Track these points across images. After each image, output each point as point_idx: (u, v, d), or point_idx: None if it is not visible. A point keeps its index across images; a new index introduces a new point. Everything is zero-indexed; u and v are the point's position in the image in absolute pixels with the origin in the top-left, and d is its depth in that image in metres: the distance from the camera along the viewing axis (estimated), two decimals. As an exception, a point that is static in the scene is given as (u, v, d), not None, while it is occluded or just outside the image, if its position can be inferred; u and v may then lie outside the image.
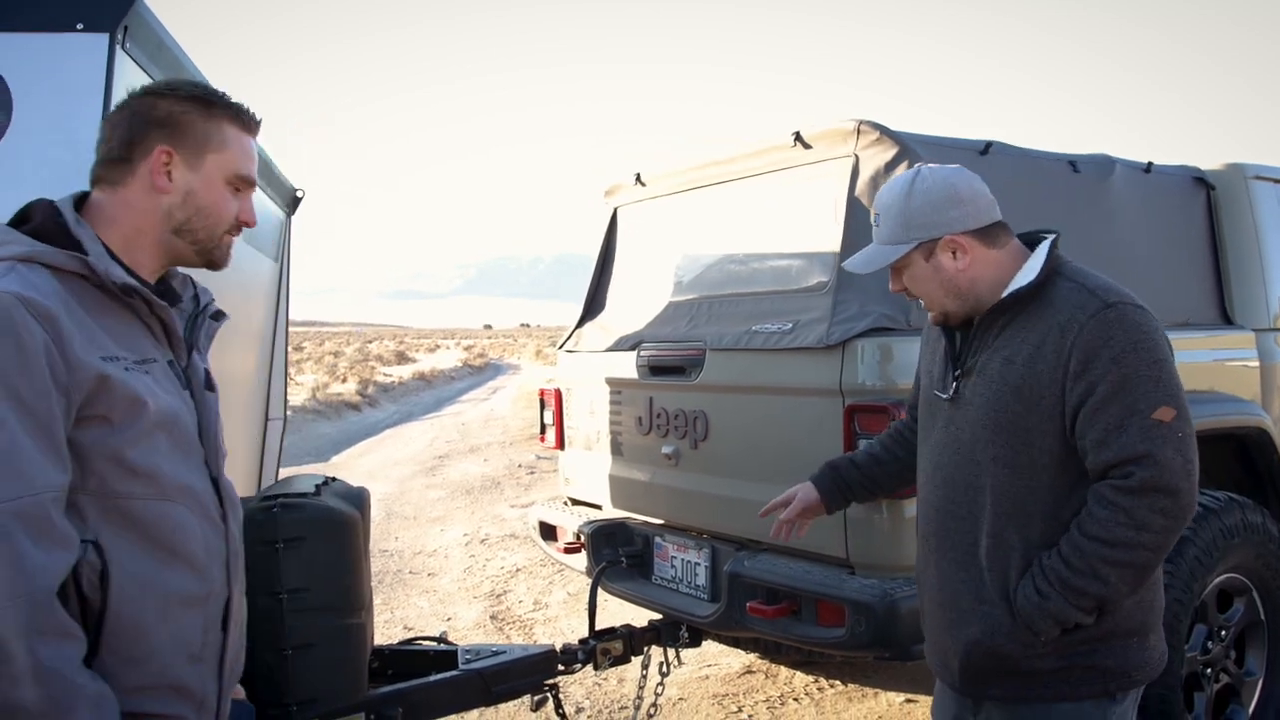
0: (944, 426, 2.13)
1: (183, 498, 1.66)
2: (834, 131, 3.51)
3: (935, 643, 2.20)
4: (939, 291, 2.09)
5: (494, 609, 6.61)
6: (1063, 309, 1.96)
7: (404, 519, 9.65)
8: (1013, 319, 2.03)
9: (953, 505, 2.09)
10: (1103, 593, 1.90)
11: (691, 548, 3.84)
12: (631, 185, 4.53)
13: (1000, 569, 2.00)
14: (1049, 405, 1.95)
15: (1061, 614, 1.92)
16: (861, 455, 2.58)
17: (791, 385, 3.39)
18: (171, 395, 1.67)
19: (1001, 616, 2.00)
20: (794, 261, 3.69)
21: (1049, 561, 1.93)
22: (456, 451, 14.64)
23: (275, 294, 4.53)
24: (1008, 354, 2.01)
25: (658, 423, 3.96)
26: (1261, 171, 4.50)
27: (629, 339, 4.21)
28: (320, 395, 21.35)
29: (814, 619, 3.22)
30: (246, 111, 1.82)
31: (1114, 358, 1.89)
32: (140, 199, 1.72)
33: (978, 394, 2.05)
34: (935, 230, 2.06)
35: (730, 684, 5.06)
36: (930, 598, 2.19)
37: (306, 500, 2.99)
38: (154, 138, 1.71)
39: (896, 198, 2.10)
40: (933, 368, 2.24)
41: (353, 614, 2.99)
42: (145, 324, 1.69)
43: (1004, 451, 2.00)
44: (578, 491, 4.65)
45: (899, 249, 2.09)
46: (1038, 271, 2.02)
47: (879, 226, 2.13)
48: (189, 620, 1.67)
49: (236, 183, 1.79)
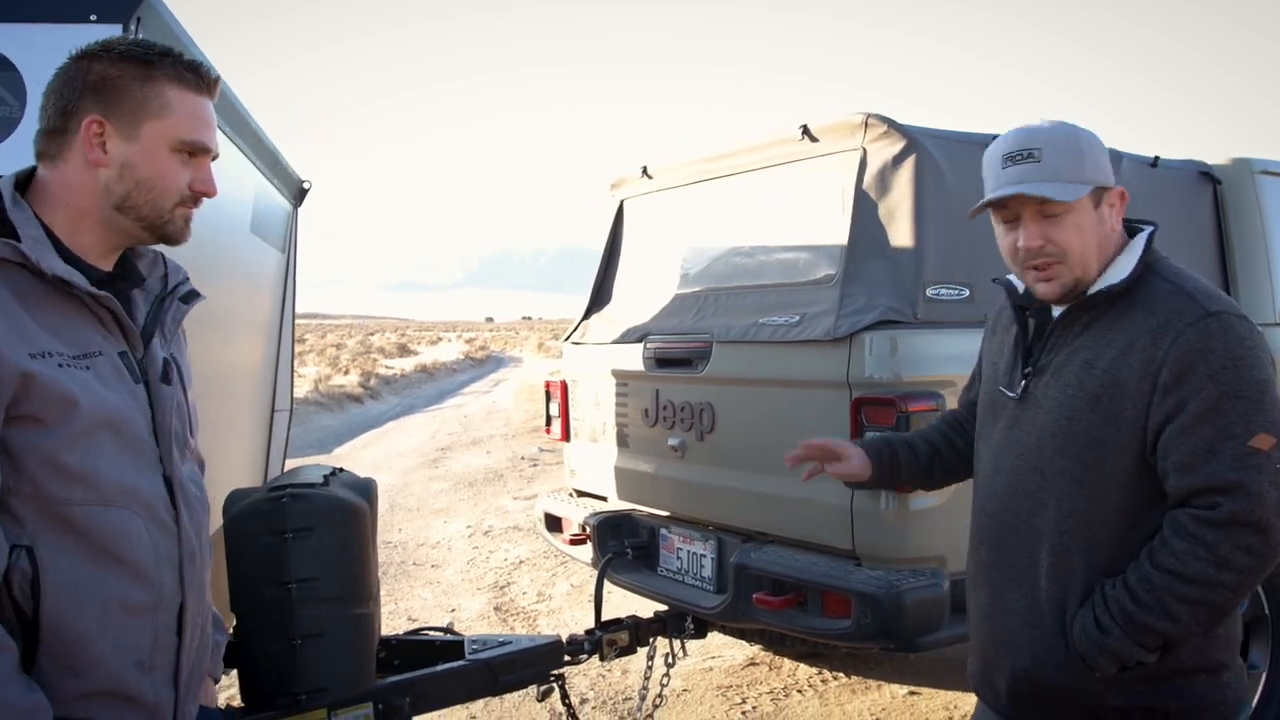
0: (1007, 427, 1.94)
1: (127, 501, 1.54)
2: (841, 125, 3.51)
3: (981, 658, 2.01)
4: (1094, 250, 1.82)
5: (498, 600, 6.63)
6: (1157, 312, 1.74)
7: (407, 511, 9.67)
8: (1098, 317, 1.82)
9: (1010, 516, 1.90)
10: (1171, 631, 1.71)
11: (697, 539, 3.85)
12: (638, 178, 4.53)
13: (1059, 593, 1.81)
14: (1130, 419, 1.74)
15: (1122, 651, 1.72)
16: (921, 443, 2.31)
17: (798, 378, 3.40)
18: (117, 391, 1.55)
19: (1054, 645, 1.81)
20: (801, 254, 3.70)
21: (1113, 592, 1.73)
22: (459, 444, 14.66)
23: (282, 285, 4.54)
24: (1089, 356, 1.80)
25: (664, 415, 3.97)
26: (1269, 166, 4.51)
27: (635, 331, 4.22)
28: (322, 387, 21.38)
29: (820, 610, 3.23)
30: (195, 68, 1.63)
31: (1211, 373, 1.68)
32: (78, 174, 1.58)
33: (1049, 396, 1.85)
34: (1105, 177, 1.82)
35: (734, 675, 5.07)
36: (979, 610, 2.00)
37: (315, 491, 3.00)
38: (85, 106, 1.57)
39: (1069, 133, 1.82)
40: (998, 360, 2.03)
41: (361, 604, 3.01)
42: (93, 313, 1.57)
43: (1073, 465, 1.79)
44: (583, 483, 4.67)
45: (1080, 188, 1.79)
46: (1133, 266, 1.80)
47: (1041, 161, 1.79)
48: (135, 628, 1.56)
49: (184, 149, 1.63)
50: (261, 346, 4.30)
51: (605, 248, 4.78)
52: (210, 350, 3.42)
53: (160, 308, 1.72)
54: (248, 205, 3.67)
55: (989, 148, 1.89)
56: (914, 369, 3.18)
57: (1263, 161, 4.50)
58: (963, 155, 3.45)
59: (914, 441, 2.31)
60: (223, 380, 3.65)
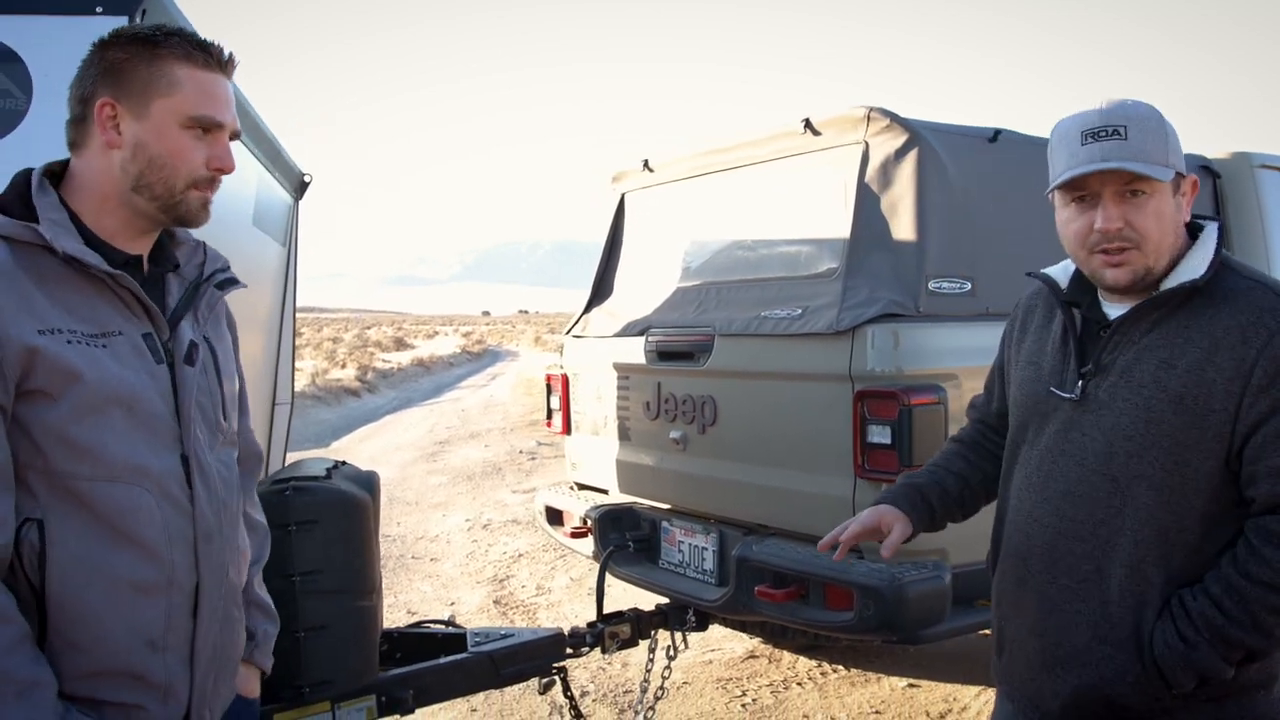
0: (1061, 431, 1.81)
1: (136, 478, 1.55)
2: (844, 118, 3.51)
3: (1025, 677, 1.87)
4: (1167, 238, 1.72)
5: (497, 594, 6.64)
6: (1245, 310, 1.65)
7: (406, 504, 9.68)
8: (1170, 314, 1.72)
9: (1073, 525, 1.77)
10: (1259, 644, 1.64)
11: (699, 532, 3.86)
12: (639, 171, 4.53)
13: (1134, 607, 1.70)
14: (1217, 422, 1.64)
15: (1209, 665, 1.64)
16: (949, 477, 2.14)
17: (801, 371, 3.41)
18: (134, 370, 1.57)
19: (1128, 662, 1.70)
20: (804, 247, 3.70)
21: (1195, 604, 1.65)
22: (457, 437, 14.66)
23: (283, 279, 4.53)
24: (1165, 356, 1.69)
25: (665, 408, 3.98)
26: (1268, 160, 4.52)
27: (637, 324, 4.22)
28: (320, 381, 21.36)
29: (822, 603, 3.24)
30: (203, 46, 1.65)
31: None
32: (98, 159, 1.62)
33: (1119, 398, 1.73)
34: (1183, 166, 1.73)
35: (734, 668, 5.09)
36: (1024, 625, 1.86)
37: (318, 484, 3.01)
38: (100, 91, 1.61)
39: (1154, 114, 1.71)
40: (1040, 359, 1.90)
41: (364, 596, 3.02)
42: (115, 294, 1.59)
43: (1152, 470, 1.68)
44: (584, 476, 4.67)
45: (1166, 171, 1.68)
46: (1209, 261, 1.71)
47: (1127, 139, 1.68)
48: (146, 606, 1.56)
49: (196, 125, 1.64)
50: (262, 340, 4.29)
51: (606, 241, 4.78)
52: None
53: (195, 293, 1.74)
54: (250, 198, 3.66)
55: (1061, 123, 1.77)
56: (916, 362, 3.19)
57: (1262, 156, 4.52)
58: (964, 149, 3.45)
59: (942, 479, 2.14)
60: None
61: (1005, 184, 3.50)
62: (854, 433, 3.18)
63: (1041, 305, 1.96)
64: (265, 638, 1.96)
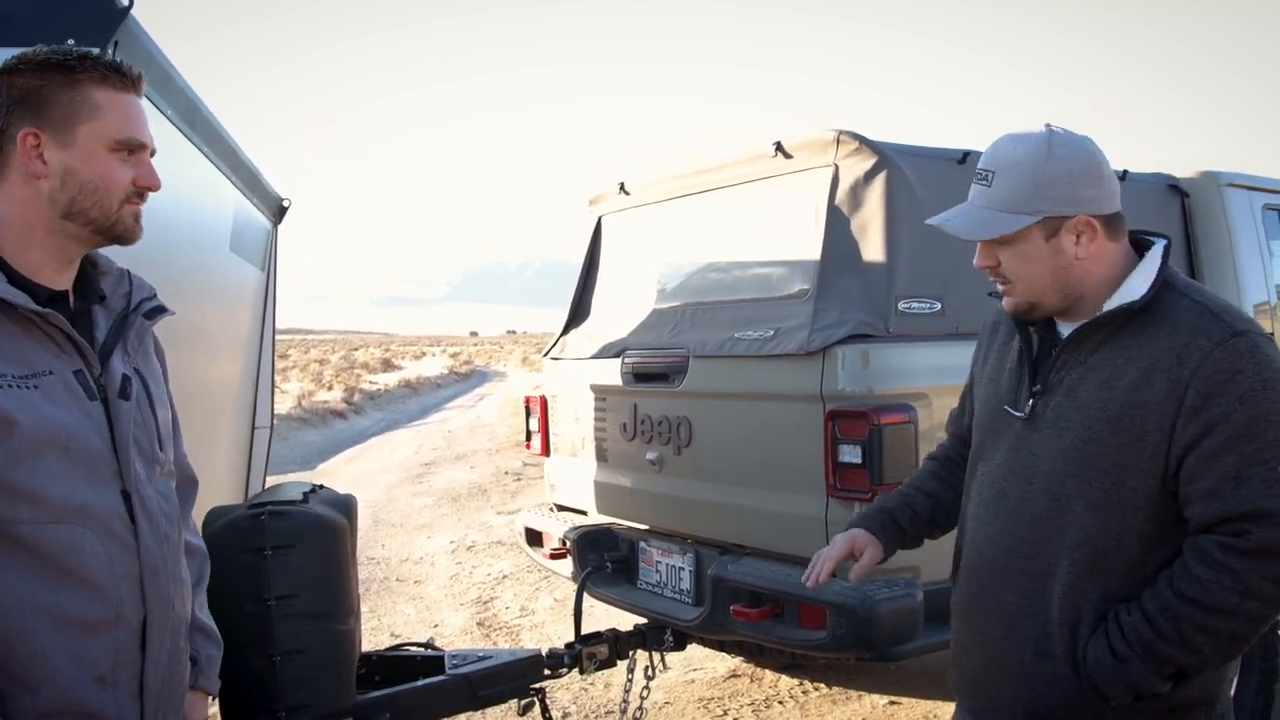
0: (1012, 449, 1.83)
1: (78, 518, 1.54)
2: (814, 141, 3.57)
3: (978, 687, 1.91)
4: (1045, 279, 1.75)
5: (480, 615, 6.64)
6: (1181, 331, 1.66)
7: (391, 527, 9.66)
8: (1113, 335, 1.73)
9: (1019, 542, 1.80)
10: (1190, 662, 1.64)
11: (676, 552, 3.88)
12: (615, 194, 4.58)
13: (1072, 624, 1.72)
14: (1152, 443, 1.65)
15: (1140, 681, 1.65)
16: (919, 496, 2.19)
17: (773, 391, 3.44)
18: (67, 409, 1.56)
19: (1066, 677, 1.73)
20: (776, 269, 3.75)
21: (1129, 619, 1.66)
22: (443, 459, 14.65)
23: (262, 303, 4.56)
24: (1106, 376, 1.71)
25: (642, 429, 4.01)
26: (1235, 179, 4.59)
27: (613, 346, 4.25)
28: (306, 403, 21.32)
29: (796, 622, 3.27)
30: (116, 68, 1.64)
31: (1241, 396, 1.60)
32: (19, 190, 1.59)
33: (1063, 418, 1.75)
34: (1068, 207, 1.71)
35: (716, 688, 5.10)
36: (976, 638, 1.90)
37: (294, 508, 3.02)
38: (18, 120, 1.57)
39: (1028, 156, 1.72)
40: (999, 376, 1.93)
41: (341, 620, 3.02)
42: (43, 332, 1.57)
43: (1090, 490, 1.70)
44: (563, 498, 4.69)
45: (1020, 219, 1.72)
46: (1151, 283, 1.71)
47: (990, 186, 1.74)
48: (94, 644, 1.56)
49: (123, 148, 1.63)
50: (241, 364, 4.32)
51: (584, 263, 4.82)
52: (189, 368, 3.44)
53: (124, 324, 1.72)
54: (226, 223, 3.70)
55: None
56: (886, 382, 3.23)
57: (1230, 174, 4.59)
58: (933, 170, 3.50)
59: (913, 500, 2.19)
60: (202, 397, 3.66)
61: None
62: (825, 452, 3.21)
63: (1004, 324, 1.99)
64: (209, 662, 1.95)
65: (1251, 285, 4.50)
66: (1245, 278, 4.48)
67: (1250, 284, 4.49)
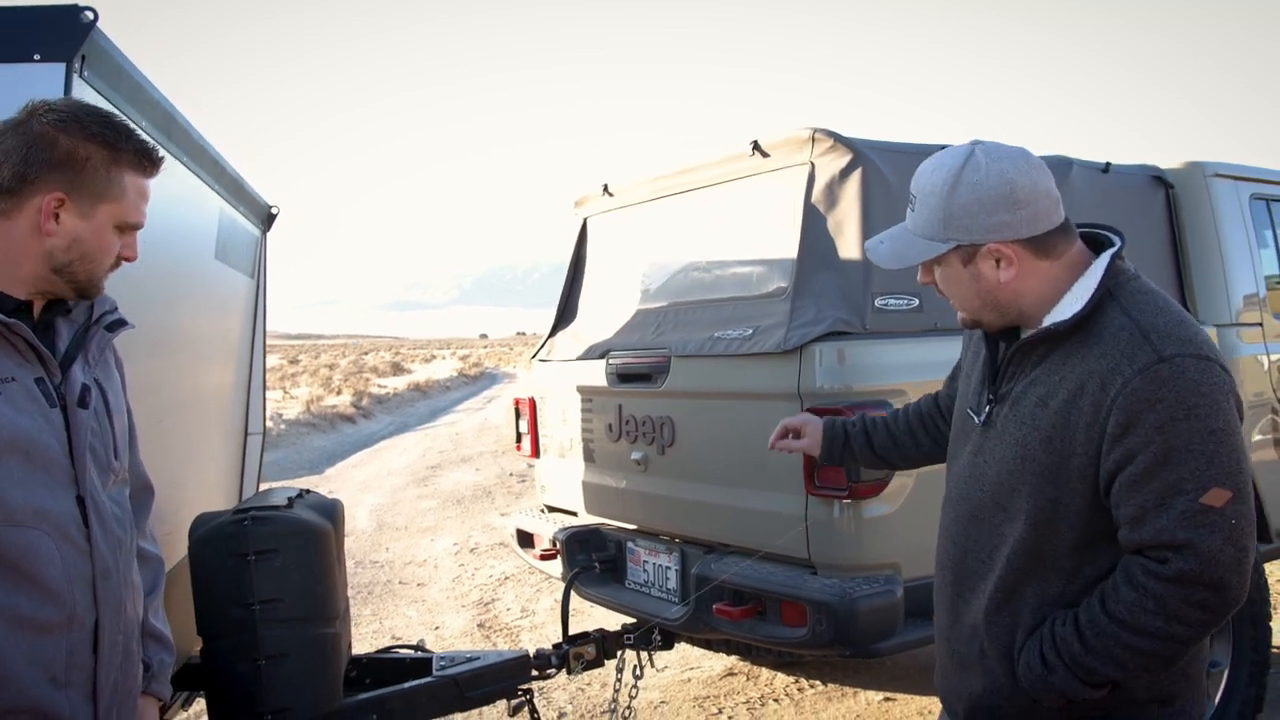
0: (973, 454, 1.88)
1: (35, 521, 1.60)
2: (790, 140, 3.58)
3: (945, 677, 1.97)
4: (974, 301, 1.79)
5: (481, 617, 6.66)
6: (1109, 354, 1.65)
7: (395, 530, 9.70)
8: (1055, 348, 1.74)
9: (973, 545, 1.85)
10: (1117, 676, 1.66)
11: (662, 552, 3.90)
12: (600, 196, 4.60)
13: (1006, 626, 1.77)
14: (1080, 464, 1.67)
15: (1067, 690, 1.68)
16: (881, 428, 2.33)
17: (752, 390, 3.46)
18: (29, 415, 1.61)
19: (1002, 677, 1.78)
20: (754, 268, 3.76)
21: (1062, 630, 1.69)
22: (449, 461, 14.69)
23: (252, 310, 4.59)
24: (1043, 393, 1.73)
25: (627, 429, 4.03)
26: (1221, 169, 4.57)
27: (598, 347, 4.27)
28: (314, 408, 21.38)
29: (779, 619, 3.28)
30: (151, 154, 1.76)
31: (1160, 425, 1.58)
32: (22, 234, 1.66)
33: (1009, 429, 1.78)
34: (977, 235, 1.72)
35: (711, 686, 5.11)
36: (943, 630, 1.96)
37: (278, 513, 3.05)
38: (50, 180, 1.65)
39: (938, 186, 1.74)
40: (970, 379, 1.98)
41: (325, 624, 3.05)
42: (7, 340, 1.63)
43: (1026, 504, 1.73)
44: (553, 499, 4.72)
45: (933, 247, 1.76)
46: (1086, 300, 1.70)
47: (914, 211, 1.79)
48: (48, 645, 1.62)
49: (125, 228, 1.75)
50: (232, 371, 4.34)
51: (570, 265, 4.85)
52: (178, 375, 3.47)
53: (85, 335, 1.79)
54: (211, 233, 3.72)
55: None
56: (863, 378, 3.24)
57: (1215, 165, 4.57)
58: (909, 167, 3.49)
59: (874, 426, 2.33)
60: (192, 404, 3.69)
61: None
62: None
63: None
64: (161, 667, 1.99)
65: (1239, 276, 4.48)
66: (1232, 269, 4.46)
67: (1237, 275, 4.48)
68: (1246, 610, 3.81)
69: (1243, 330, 4.43)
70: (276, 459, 13.98)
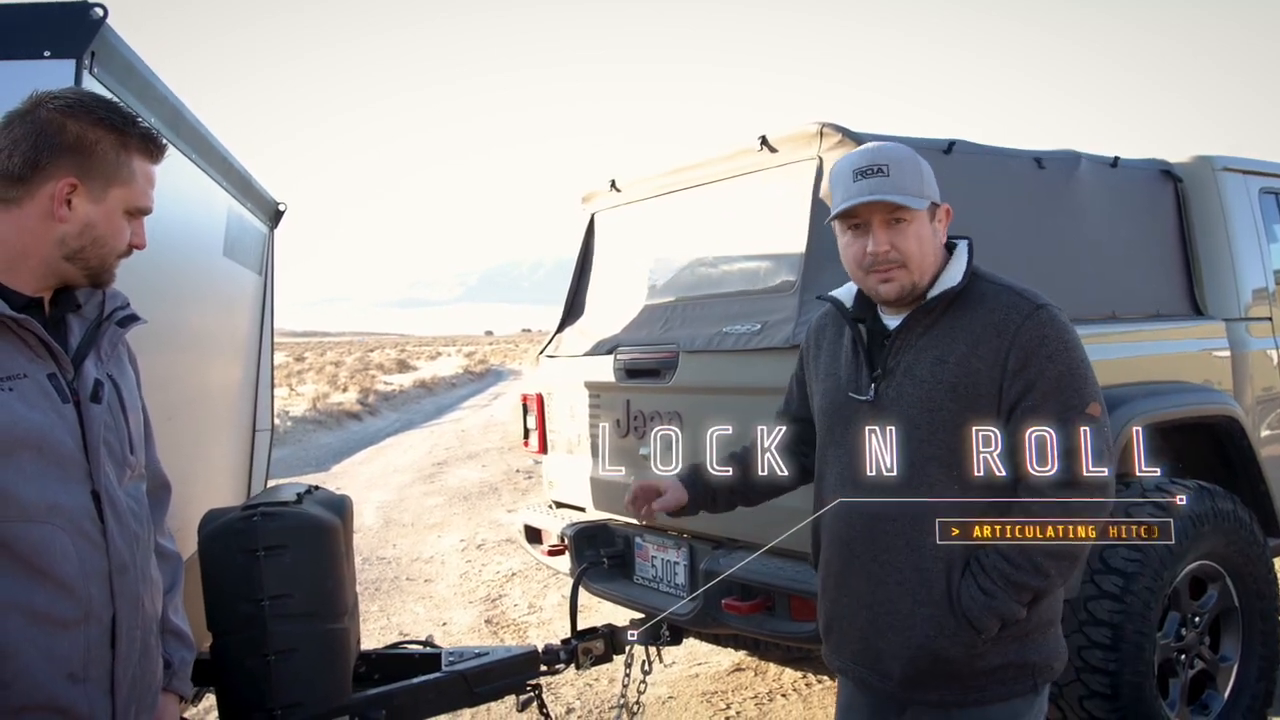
0: (863, 428, 2.00)
1: (50, 517, 1.60)
2: (798, 135, 3.57)
3: (862, 649, 2.12)
4: (928, 258, 2.05)
5: (489, 613, 6.67)
6: (996, 309, 2.00)
7: (402, 526, 9.72)
8: (939, 319, 2.04)
9: (885, 507, 2.02)
10: (1042, 585, 1.95)
11: (670, 547, 3.90)
12: (607, 191, 4.60)
13: (944, 570, 1.98)
14: (986, 404, 1.96)
15: (1006, 610, 1.94)
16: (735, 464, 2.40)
17: (760, 385, 3.44)
18: (41, 411, 1.62)
19: (944, 618, 1.98)
20: (762, 263, 3.76)
21: (989, 560, 1.95)
22: (455, 458, 14.71)
23: (260, 306, 4.60)
24: (939, 353, 2.01)
25: (635, 425, 4.03)
26: (1230, 163, 4.55)
27: (606, 343, 4.27)
28: (320, 405, 21.42)
29: (787, 614, 3.28)
30: (156, 140, 1.78)
31: (1050, 355, 1.95)
32: (33, 222, 1.67)
33: (905, 394, 2.02)
34: (937, 195, 2.07)
35: (719, 681, 5.11)
36: (854, 601, 2.12)
37: (287, 509, 3.06)
38: (62, 165, 1.66)
39: (909, 154, 2.06)
40: (836, 369, 2.19)
41: (335, 619, 3.06)
42: (18, 336, 1.64)
43: (939, 450, 1.97)
44: (561, 494, 4.72)
45: (920, 201, 2.03)
46: (964, 272, 2.05)
47: (889, 176, 2.00)
48: (65, 640, 1.62)
49: (135, 212, 1.77)
50: (240, 367, 4.35)
51: (577, 260, 4.85)
52: (187, 372, 3.48)
53: (97, 331, 1.79)
54: (219, 230, 3.73)
55: (836, 164, 2.11)
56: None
57: (1224, 159, 4.55)
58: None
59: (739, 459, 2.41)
60: (201, 401, 3.70)
61: (959, 195, 3.53)
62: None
63: (831, 324, 2.28)
64: (182, 665, 1.99)
65: (1248, 271, 4.46)
66: (1241, 263, 4.44)
67: (1246, 269, 4.46)
68: (1255, 605, 3.81)
69: (1251, 325, 4.41)
70: (283, 456, 14.00)
